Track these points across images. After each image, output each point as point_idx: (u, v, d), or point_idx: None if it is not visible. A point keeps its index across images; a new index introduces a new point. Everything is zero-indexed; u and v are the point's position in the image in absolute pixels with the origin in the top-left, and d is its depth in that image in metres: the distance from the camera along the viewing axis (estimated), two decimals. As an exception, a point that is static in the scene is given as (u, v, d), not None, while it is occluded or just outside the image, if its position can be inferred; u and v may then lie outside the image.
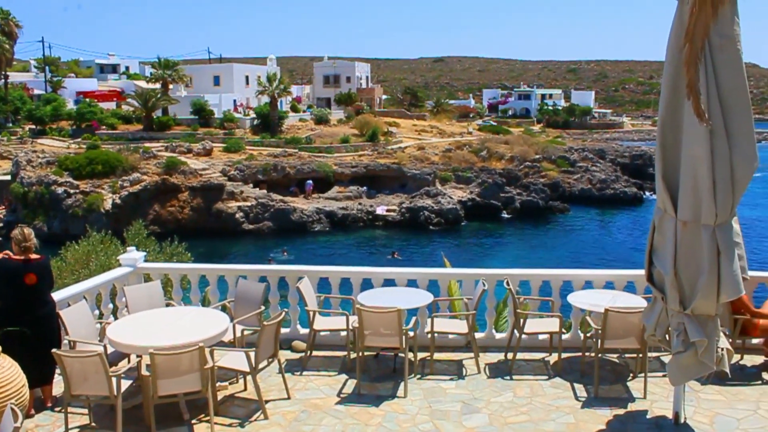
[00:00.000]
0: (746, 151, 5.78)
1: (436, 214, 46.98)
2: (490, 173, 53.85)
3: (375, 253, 41.16)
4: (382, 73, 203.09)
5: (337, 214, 46.14)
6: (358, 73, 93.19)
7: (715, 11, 5.30)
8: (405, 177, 51.30)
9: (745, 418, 7.00)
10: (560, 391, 7.65)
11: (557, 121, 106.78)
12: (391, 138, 60.76)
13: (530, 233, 47.78)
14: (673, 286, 6.15)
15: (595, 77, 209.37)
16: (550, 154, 59.74)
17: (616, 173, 60.67)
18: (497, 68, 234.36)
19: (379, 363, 8.44)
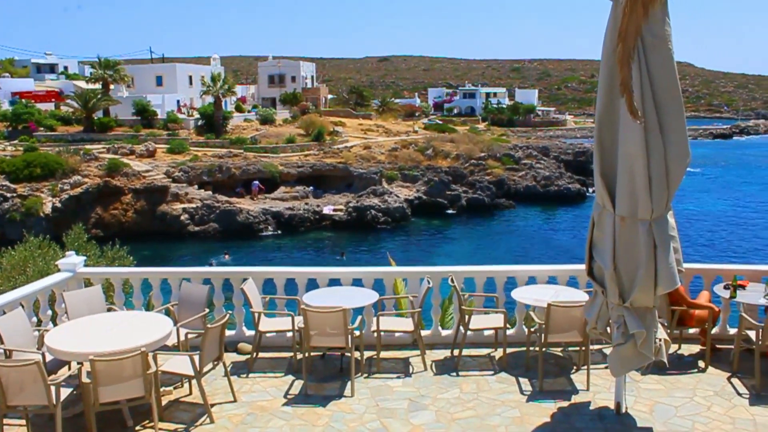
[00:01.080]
0: (679, 148, 5.97)
1: (383, 213, 47.10)
2: (436, 171, 54.25)
3: (323, 253, 41.07)
4: (328, 73, 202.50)
5: (284, 214, 45.84)
6: (304, 72, 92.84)
7: (646, 12, 5.45)
8: (351, 176, 51.30)
9: (683, 405, 7.23)
10: (506, 385, 7.76)
11: (502, 119, 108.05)
12: (337, 137, 60.63)
13: (477, 230, 48.29)
14: (613, 280, 6.30)
15: (539, 76, 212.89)
16: (495, 152, 60.41)
17: (560, 170, 61.66)
18: (442, 67, 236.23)
19: (326, 363, 8.43)
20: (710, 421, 6.88)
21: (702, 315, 8.48)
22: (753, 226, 49.70)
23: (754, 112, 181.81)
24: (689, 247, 39.42)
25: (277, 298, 9.04)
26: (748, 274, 9.11)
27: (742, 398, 7.44)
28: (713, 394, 7.54)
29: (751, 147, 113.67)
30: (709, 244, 42.85)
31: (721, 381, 7.88)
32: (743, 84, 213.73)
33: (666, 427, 6.75)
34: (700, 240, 43.80)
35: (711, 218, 52.25)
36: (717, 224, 50.08)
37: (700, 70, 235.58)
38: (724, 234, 46.74)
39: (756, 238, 45.23)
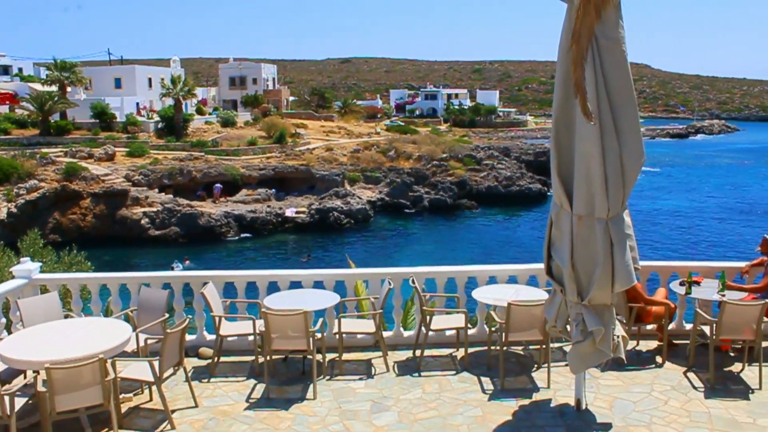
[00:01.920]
0: (634, 148, 6.07)
1: (345, 215, 47.06)
2: (399, 173, 54.40)
3: (286, 256, 40.89)
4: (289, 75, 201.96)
5: (246, 217, 45.50)
6: (265, 74, 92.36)
7: (598, 14, 5.53)
8: (314, 178, 51.16)
9: (641, 400, 7.37)
10: (468, 385, 7.81)
11: (463, 120, 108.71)
12: (298, 139, 60.45)
13: (439, 231, 48.49)
14: (571, 278, 6.39)
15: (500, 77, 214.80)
16: (456, 153, 60.74)
17: (521, 170, 62.20)
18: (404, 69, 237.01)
19: (288, 366, 8.40)
20: (667, 415, 7.01)
21: (659, 311, 8.64)
22: (708, 223, 50.76)
23: (709, 113, 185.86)
24: (647, 245, 40.14)
25: (238, 302, 8.97)
26: (703, 270, 9.31)
27: (698, 392, 7.60)
28: (670, 388, 7.69)
29: (706, 146, 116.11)
30: (667, 242, 43.64)
31: (678, 375, 8.04)
32: (698, 85, 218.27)
33: (625, 422, 6.86)
34: (658, 238, 44.58)
35: (669, 216, 53.24)
36: (674, 222, 51.04)
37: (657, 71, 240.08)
38: (680, 232, 47.65)
39: (711, 236, 46.21)
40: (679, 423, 6.86)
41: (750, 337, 7.94)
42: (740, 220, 51.75)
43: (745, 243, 39.69)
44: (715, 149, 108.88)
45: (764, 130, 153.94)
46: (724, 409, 7.18)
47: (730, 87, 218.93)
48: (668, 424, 6.84)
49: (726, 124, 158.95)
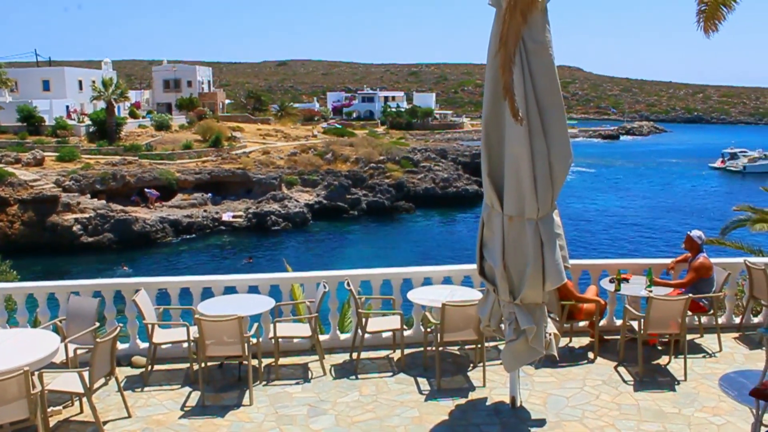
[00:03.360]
0: (562, 149, 6.21)
1: (283, 219, 46.82)
2: (336, 175, 54.34)
3: (224, 260, 40.39)
4: (225, 77, 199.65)
5: (182, 222, 44.80)
6: (200, 77, 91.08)
7: (524, 18, 5.64)
8: (251, 182, 50.70)
9: (574, 395, 7.54)
10: (404, 386, 7.85)
11: (400, 122, 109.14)
12: (235, 143, 59.82)
13: (378, 233, 48.65)
14: (503, 278, 6.49)
15: (436, 80, 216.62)
16: (394, 155, 60.97)
17: (458, 172, 62.85)
18: (341, 71, 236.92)
19: (224, 372, 8.29)
20: (599, 409, 7.20)
21: (590, 308, 8.85)
22: (638, 222, 52.26)
23: (638, 114, 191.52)
24: (580, 244, 41.08)
25: (172, 309, 8.82)
26: (631, 267, 9.59)
27: (628, 385, 7.82)
28: (602, 383, 7.89)
29: (637, 147, 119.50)
30: (599, 241, 44.78)
31: (609, 370, 8.26)
32: (628, 88, 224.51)
33: (558, 417, 7.01)
34: (591, 236, 45.70)
35: (601, 216, 54.62)
36: (606, 221, 52.39)
37: (589, 74, 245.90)
38: (612, 230, 48.93)
39: (640, 234, 47.60)
40: (609, 416, 7.04)
41: (675, 330, 8.22)
42: (668, 218, 53.44)
43: (673, 240, 41.01)
44: (645, 150, 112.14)
45: (690, 131, 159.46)
46: (652, 400, 7.41)
47: (658, 90, 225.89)
48: (599, 417, 7.01)
49: (655, 126, 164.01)
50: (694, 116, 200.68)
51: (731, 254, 15.23)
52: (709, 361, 8.63)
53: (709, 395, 7.57)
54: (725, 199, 60.28)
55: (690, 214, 55.15)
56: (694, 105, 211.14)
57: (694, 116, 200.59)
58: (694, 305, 8.88)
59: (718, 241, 16.75)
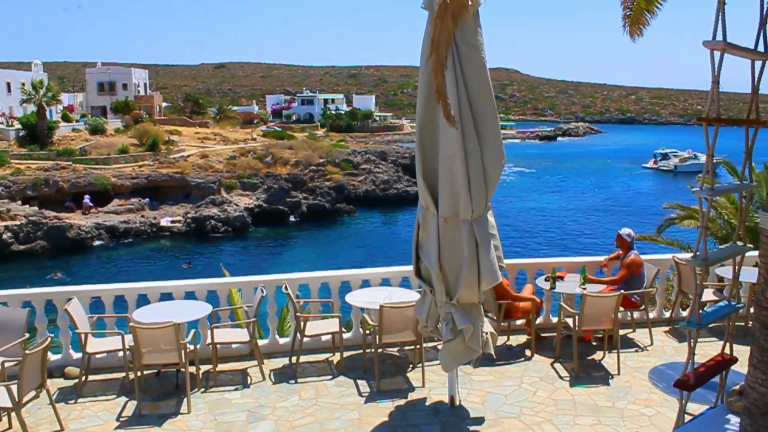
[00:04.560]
0: (495, 151, 6.29)
1: (223, 223, 46.28)
2: (276, 179, 53.98)
3: (162, 266, 39.66)
4: (162, 80, 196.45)
5: (119, 228, 43.87)
6: (136, 79, 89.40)
7: (456, 22, 5.70)
8: (189, 186, 49.97)
9: (511, 393, 7.64)
10: (344, 389, 7.84)
11: (340, 125, 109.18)
12: (172, 147, 58.88)
13: (319, 236, 48.49)
14: (439, 279, 6.54)
15: (375, 82, 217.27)
16: (334, 158, 60.96)
17: (398, 174, 63.21)
18: (280, 74, 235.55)
19: (161, 380, 8.14)
20: (536, 405, 7.32)
21: (526, 307, 8.99)
22: (573, 221, 53.37)
23: (574, 116, 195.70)
24: (518, 243, 41.71)
25: (106, 317, 8.62)
26: (566, 265, 9.78)
27: (564, 381, 7.98)
28: (539, 379, 8.02)
29: (573, 147, 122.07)
30: (536, 239, 45.55)
31: (546, 367, 8.40)
32: (564, 89, 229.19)
33: (496, 415, 7.10)
34: (528, 235, 46.45)
35: (539, 215, 55.58)
36: (544, 220, 53.34)
37: (526, 76, 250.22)
38: (549, 229, 49.84)
39: (576, 232, 48.62)
40: (546, 412, 7.17)
41: (609, 326, 8.43)
42: (603, 217, 54.73)
43: (607, 238, 42.00)
44: (581, 151, 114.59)
45: (623, 132, 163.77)
46: (587, 395, 7.58)
47: (592, 92, 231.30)
48: (537, 413, 7.13)
49: (590, 127, 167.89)
50: (627, 117, 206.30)
51: (663, 250, 15.69)
52: (641, 354, 8.86)
53: (641, 388, 7.78)
54: (658, 197, 61.93)
55: (624, 212, 56.59)
56: (627, 106, 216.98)
57: (628, 117, 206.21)
58: (626, 301, 9.11)
59: (650, 238, 17.26)
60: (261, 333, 9.81)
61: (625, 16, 7.41)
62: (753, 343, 3.98)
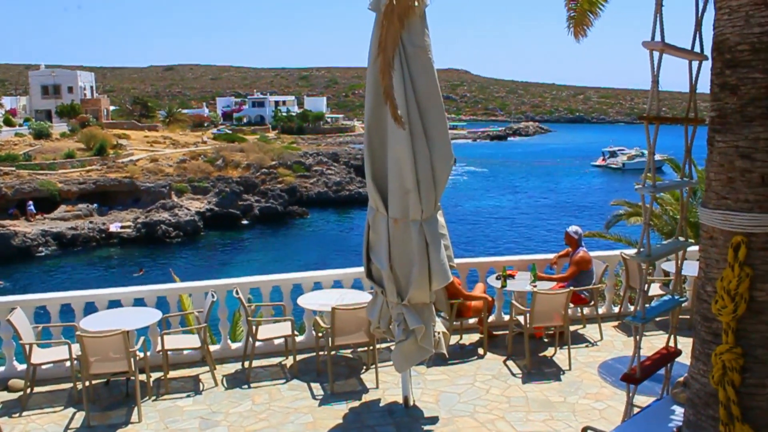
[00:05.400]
0: (443, 151, 6.34)
1: (174, 228, 45.65)
2: (227, 182, 53.53)
3: (112, 273, 38.92)
4: (109, 83, 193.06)
5: (66, 234, 42.92)
6: (82, 82, 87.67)
7: (402, 23, 5.72)
8: (138, 191, 49.21)
9: (465, 391, 7.69)
10: (298, 392, 7.79)
11: (292, 127, 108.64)
12: (121, 151, 57.89)
13: (272, 239, 48.20)
14: (390, 280, 6.56)
15: (327, 83, 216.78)
16: (286, 160, 60.71)
17: (350, 175, 63.17)
18: (230, 76, 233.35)
19: (110, 390, 7.98)
20: (489, 403, 7.38)
21: (478, 305, 9.07)
22: (525, 219, 54.05)
23: (524, 115, 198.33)
24: (470, 243, 42.04)
25: (52, 326, 8.40)
26: (516, 263, 9.89)
27: (516, 378, 8.06)
28: (491, 377, 8.09)
29: (524, 147, 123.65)
30: (489, 238, 45.98)
31: (498, 364, 8.48)
32: (513, 90, 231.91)
33: (450, 414, 7.14)
34: (480, 235, 46.88)
35: (491, 214, 56.14)
36: (495, 219, 53.90)
37: (476, 76, 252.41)
38: (501, 228, 50.38)
39: (527, 231, 49.24)
40: (499, 409, 7.23)
41: (559, 323, 8.56)
42: (554, 215, 55.51)
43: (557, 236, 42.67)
44: (532, 150, 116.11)
45: (572, 131, 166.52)
46: (539, 391, 7.67)
47: (541, 91, 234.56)
48: (490, 411, 7.19)
49: (540, 126, 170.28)
50: (576, 116, 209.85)
51: (611, 247, 15.99)
52: (591, 350, 9.02)
53: (591, 382, 7.91)
54: (606, 195, 63.10)
55: (574, 210, 57.51)
56: (576, 106, 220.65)
57: (576, 116, 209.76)
58: (575, 297, 9.26)
59: (599, 234, 17.57)
60: (213, 338, 9.70)
61: (569, 17, 7.53)
62: (695, 336, 4.07)
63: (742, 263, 3.67)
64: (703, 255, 4.00)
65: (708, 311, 3.89)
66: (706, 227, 3.94)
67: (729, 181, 3.76)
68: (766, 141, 3.61)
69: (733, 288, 3.69)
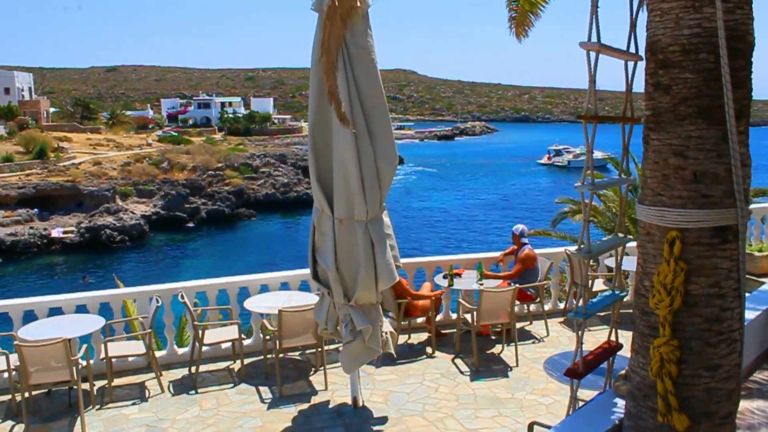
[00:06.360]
0: (387, 151, 6.36)
1: (119, 232, 44.76)
2: (173, 185, 52.75)
3: (55, 280, 37.95)
4: (49, 84, 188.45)
5: (5, 241, 41.67)
6: (19, 83, 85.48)
7: (345, 23, 5.73)
8: (81, 195, 48.09)
9: (414, 390, 7.73)
10: (246, 396, 7.72)
11: (238, 128, 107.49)
12: (62, 154, 56.55)
13: (220, 242, 47.68)
14: (336, 281, 6.55)
15: (274, 84, 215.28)
16: (232, 162, 60.08)
17: (298, 176, 62.81)
18: (175, 77, 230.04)
19: (52, 400, 7.78)
20: (438, 401, 7.43)
21: (426, 305, 9.12)
22: (472, 218, 54.57)
23: (471, 115, 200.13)
24: (418, 242, 42.23)
25: (-12, 337, 8.15)
26: (463, 262, 9.99)
27: (464, 376, 8.14)
28: (440, 376, 8.15)
29: (471, 146, 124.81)
30: (438, 237, 46.26)
31: (447, 363, 8.55)
32: (460, 90, 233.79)
33: (399, 413, 7.17)
34: (428, 234, 47.10)
35: (438, 214, 56.52)
36: (443, 219, 54.26)
37: (423, 77, 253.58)
38: (449, 227, 50.74)
39: (473, 229, 49.71)
40: (448, 407, 7.29)
41: (506, 320, 8.66)
42: (501, 213, 56.18)
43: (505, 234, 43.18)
44: (479, 149, 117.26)
45: (518, 130, 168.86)
46: (487, 388, 7.76)
47: (488, 91, 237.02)
48: (439, 409, 7.24)
49: (486, 126, 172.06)
50: (521, 116, 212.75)
51: (557, 244, 16.26)
52: (538, 346, 9.15)
53: (538, 378, 8.04)
54: (553, 193, 64.10)
55: (521, 208, 58.28)
56: (522, 105, 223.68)
57: (522, 116, 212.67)
58: (521, 294, 9.40)
59: (544, 232, 17.84)
60: (159, 344, 9.53)
61: (510, 18, 7.64)
62: (634, 330, 4.17)
63: (677, 258, 3.77)
64: (640, 251, 4.09)
65: (646, 305, 3.99)
66: (643, 223, 4.04)
67: (663, 178, 3.85)
68: (697, 139, 3.72)
69: (669, 282, 3.78)
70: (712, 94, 3.68)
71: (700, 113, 3.71)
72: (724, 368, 3.88)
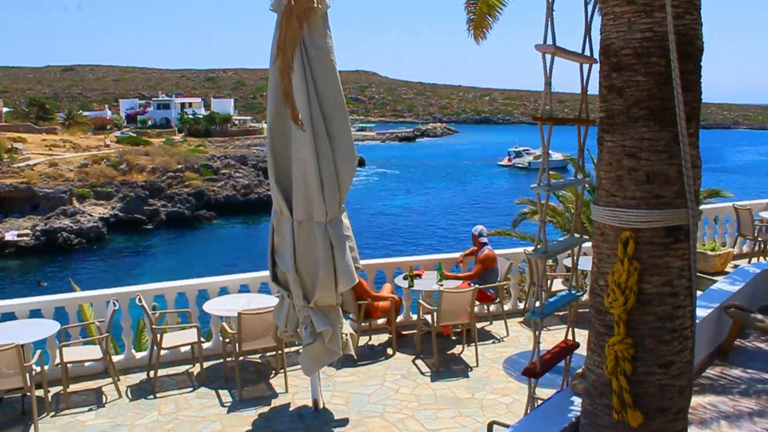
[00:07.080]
0: (346, 152, 6.37)
1: (76, 235, 43.97)
2: (132, 186, 51.96)
3: (8, 286, 37.11)
4: (2, 83, 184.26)
5: (-43, 245, 40.70)
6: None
7: (301, 24, 5.71)
8: (37, 197, 47.08)
9: (374, 392, 7.75)
10: (205, 400, 7.66)
11: (198, 129, 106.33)
12: (16, 155, 55.24)
13: (180, 244, 47.13)
14: (296, 283, 6.53)
15: (234, 85, 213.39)
16: (192, 164, 59.36)
17: (259, 178, 62.28)
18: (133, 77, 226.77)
19: (4, 408, 7.59)
20: (399, 402, 7.46)
21: (386, 306, 9.14)
22: (432, 219, 54.81)
23: (432, 117, 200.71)
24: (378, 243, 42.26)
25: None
26: (423, 263, 10.03)
27: (425, 377, 8.18)
28: (401, 377, 8.18)
29: (433, 147, 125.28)
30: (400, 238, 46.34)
31: (408, 364, 8.58)
32: (421, 91, 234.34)
33: (360, 415, 7.17)
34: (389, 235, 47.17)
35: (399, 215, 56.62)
36: (403, 220, 54.38)
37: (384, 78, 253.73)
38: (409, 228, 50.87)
39: (434, 230, 49.93)
40: (409, 408, 7.32)
41: (466, 320, 8.72)
42: (461, 214, 56.49)
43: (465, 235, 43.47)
44: (440, 151, 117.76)
45: (479, 131, 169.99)
46: (447, 388, 7.81)
47: (449, 93, 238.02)
48: (400, 410, 7.27)
49: (448, 127, 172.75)
50: (482, 117, 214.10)
51: (517, 244, 16.41)
52: (498, 346, 9.24)
53: (498, 378, 8.11)
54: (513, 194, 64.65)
55: (482, 209, 58.67)
56: (482, 107, 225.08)
57: (482, 117, 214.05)
58: (481, 295, 9.47)
59: (504, 233, 18.00)
60: (116, 348, 9.41)
61: (469, 20, 7.69)
62: (590, 329, 4.23)
63: (631, 257, 3.84)
64: (595, 250, 4.16)
65: (601, 304, 4.05)
66: (598, 224, 4.10)
67: (617, 179, 3.92)
68: (649, 141, 3.79)
69: (623, 281, 3.85)
70: (664, 96, 3.75)
71: (652, 115, 3.78)
72: (676, 365, 3.96)
